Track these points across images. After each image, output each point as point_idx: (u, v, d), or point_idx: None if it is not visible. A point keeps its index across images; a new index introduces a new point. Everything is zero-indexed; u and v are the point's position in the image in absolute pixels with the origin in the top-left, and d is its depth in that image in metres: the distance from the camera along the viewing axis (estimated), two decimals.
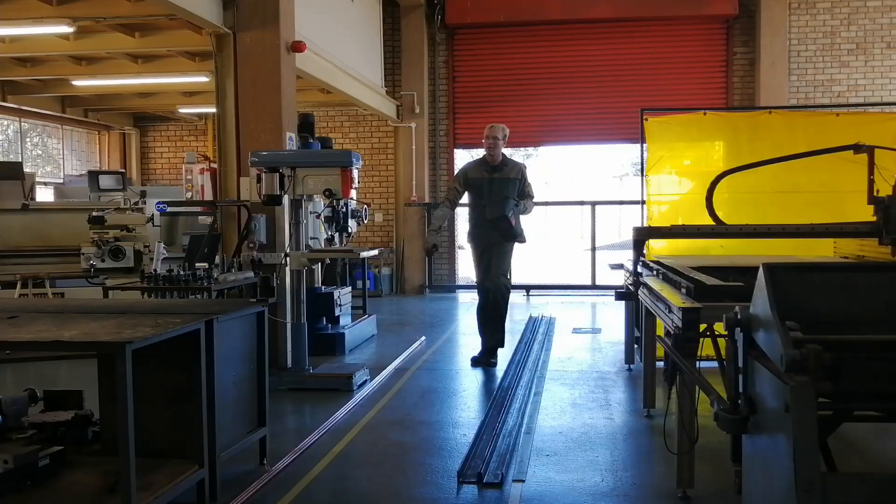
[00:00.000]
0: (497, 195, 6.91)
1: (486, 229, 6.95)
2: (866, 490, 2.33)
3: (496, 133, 7.01)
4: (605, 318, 9.87)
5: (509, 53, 12.89)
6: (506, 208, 6.85)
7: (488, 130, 7.04)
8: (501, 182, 6.96)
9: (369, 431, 5.13)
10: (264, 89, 7.07)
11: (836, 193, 6.42)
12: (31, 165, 13.51)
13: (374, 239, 13.22)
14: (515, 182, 7.02)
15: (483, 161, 7.17)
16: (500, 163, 7.04)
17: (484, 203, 6.95)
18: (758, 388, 2.61)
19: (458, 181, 7.20)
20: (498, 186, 6.95)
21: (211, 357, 3.71)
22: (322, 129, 12.36)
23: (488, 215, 6.91)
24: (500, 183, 6.96)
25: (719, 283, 3.81)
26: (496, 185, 6.96)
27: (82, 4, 8.18)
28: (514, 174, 7.04)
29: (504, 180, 6.97)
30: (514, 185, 7.01)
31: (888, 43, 12.09)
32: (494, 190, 6.95)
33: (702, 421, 4.09)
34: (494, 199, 6.90)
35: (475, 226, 7.07)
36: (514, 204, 6.91)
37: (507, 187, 6.96)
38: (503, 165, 7.04)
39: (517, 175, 7.05)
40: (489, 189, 6.96)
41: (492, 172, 7.01)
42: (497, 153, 7.02)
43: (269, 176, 6.06)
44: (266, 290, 6.49)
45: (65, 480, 3.49)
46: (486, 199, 6.93)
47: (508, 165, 7.08)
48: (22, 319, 3.66)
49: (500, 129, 7.03)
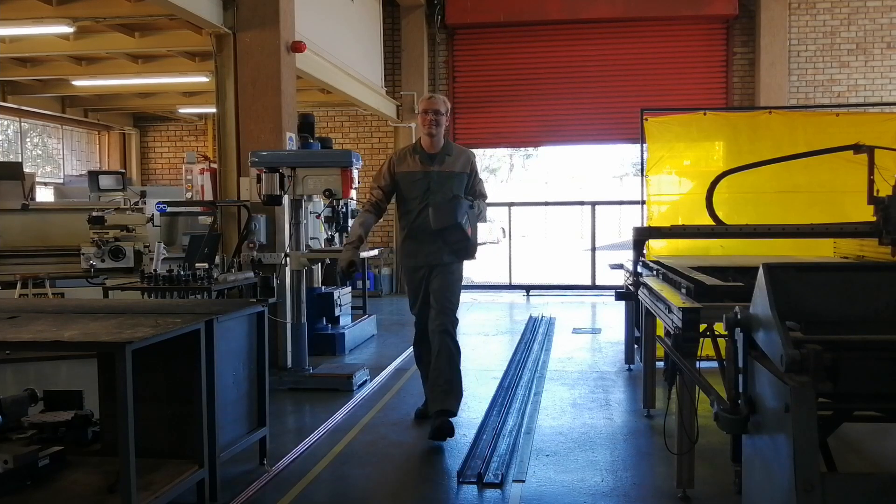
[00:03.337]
0: (436, 197, 4.95)
1: (427, 244, 4.99)
2: (866, 490, 2.33)
3: (437, 105, 5.03)
4: (605, 318, 9.87)
5: (509, 53, 12.89)
6: (458, 213, 4.81)
7: (426, 103, 5.07)
8: (443, 177, 5.00)
9: (369, 431, 5.13)
10: (264, 89, 7.07)
11: (836, 193, 6.43)
12: (31, 165, 13.53)
13: (374, 239, 13.22)
14: (462, 177, 5.05)
15: (416, 148, 5.13)
16: (440, 150, 5.06)
17: (421, 207, 4.99)
18: (758, 389, 2.61)
19: (384, 177, 5.15)
20: (438, 184, 4.99)
21: (211, 357, 3.71)
22: (322, 129, 12.36)
23: (433, 223, 4.85)
24: (441, 178, 5.00)
25: (719, 283, 3.81)
26: (437, 183, 4.99)
27: (82, 4, 8.18)
28: (462, 166, 5.06)
29: (447, 175, 5.02)
30: (460, 180, 5.04)
31: (888, 43, 12.08)
32: (432, 189, 4.98)
33: (702, 421, 4.09)
34: (439, 201, 4.92)
35: (411, 238, 5.08)
36: (468, 206, 4.90)
37: (451, 185, 5.00)
38: (445, 154, 5.06)
39: (465, 167, 5.08)
40: (428, 187, 4.99)
41: (430, 164, 5.04)
42: (438, 136, 5.04)
43: (269, 176, 6.06)
44: (266, 290, 6.49)
45: (65, 480, 3.49)
46: (427, 201, 4.96)
47: (453, 154, 5.08)
48: (22, 319, 3.66)
49: (441, 100, 5.11)
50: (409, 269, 5.15)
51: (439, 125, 5.01)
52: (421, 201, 4.99)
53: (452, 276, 5.04)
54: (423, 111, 5.06)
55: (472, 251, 5.04)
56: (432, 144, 5.05)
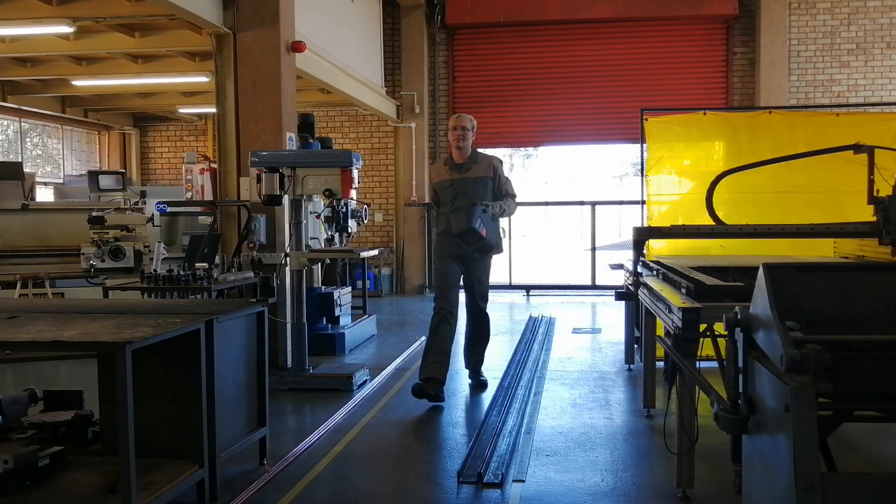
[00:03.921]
0: (462, 200, 5.79)
1: (456, 241, 5.85)
2: (866, 490, 2.33)
3: (464, 123, 5.94)
4: (605, 318, 9.87)
5: (509, 53, 12.89)
6: (472, 219, 5.58)
7: (454, 121, 6.00)
8: (468, 183, 5.88)
9: (369, 431, 5.13)
10: (264, 89, 7.07)
11: (836, 193, 6.43)
12: (31, 165, 13.52)
13: (374, 239, 13.23)
14: (486, 181, 5.91)
15: (447, 160, 6.10)
16: (467, 160, 5.96)
17: (450, 210, 5.86)
18: (758, 388, 2.61)
19: (431, 189, 6.27)
20: (463, 190, 5.85)
21: (211, 357, 3.71)
22: (322, 129, 12.36)
23: (453, 229, 5.71)
24: (466, 184, 5.88)
25: (719, 283, 3.81)
26: (461, 190, 5.86)
27: (82, 4, 8.18)
28: (485, 171, 5.92)
29: (471, 181, 5.88)
30: (484, 184, 5.89)
31: (888, 43, 12.09)
32: (459, 194, 5.85)
33: (702, 421, 4.10)
34: (458, 207, 5.77)
35: (445, 234, 6.00)
36: (481, 210, 5.64)
37: (475, 189, 5.84)
38: (471, 162, 5.95)
39: (488, 172, 5.93)
40: (453, 194, 5.89)
41: (457, 172, 5.94)
42: (466, 148, 5.93)
43: (269, 176, 6.05)
44: (266, 290, 6.50)
45: (65, 480, 3.49)
46: (454, 205, 5.84)
47: (478, 162, 5.97)
48: (22, 319, 3.66)
49: (468, 118, 6.00)
50: (441, 258, 6.06)
51: (465, 139, 5.93)
52: (451, 205, 5.88)
53: (482, 270, 6.09)
54: (451, 128, 6.00)
55: (492, 248, 5.92)
56: (460, 155, 5.98)
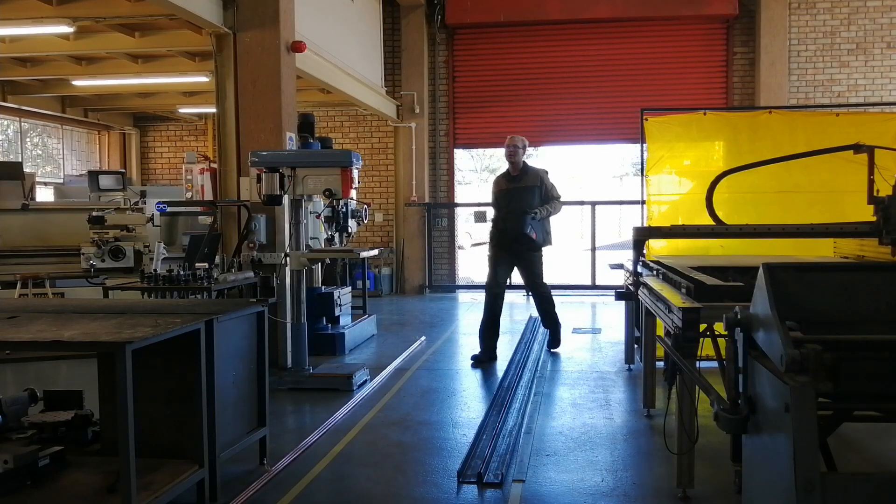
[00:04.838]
0: (514, 206, 7.13)
1: (510, 240, 7.21)
2: (866, 490, 2.33)
3: (516, 142, 7.26)
4: (605, 318, 9.87)
5: (509, 53, 12.88)
6: (524, 225, 7.03)
7: (509, 140, 7.30)
8: (519, 192, 7.16)
9: (369, 431, 5.13)
10: (264, 89, 7.07)
11: (836, 193, 6.43)
12: (31, 165, 13.53)
13: (374, 239, 13.22)
14: (534, 190, 7.19)
15: (506, 172, 7.44)
16: (520, 172, 7.26)
17: (504, 213, 7.23)
18: (758, 388, 2.61)
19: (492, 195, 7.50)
20: (516, 197, 7.15)
21: (211, 357, 3.71)
22: (322, 129, 12.36)
23: (509, 232, 7.16)
24: (517, 193, 7.16)
25: (719, 283, 3.81)
26: (514, 196, 7.17)
27: (82, 4, 8.18)
28: (532, 181, 7.22)
29: (522, 189, 7.17)
30: (532, 192, 7.17)
31: (888, 43, 12.08)
32: (512, 201, 7.16)
33: (702, 421, 4.10)
34: (511, 213, 7.12)
35: (499, 232, 7.31)
36: (531, 217, 7.04)
37: (525, 197, 7.13)
38: (523, 174, 7.26)
39: (535, 182, 7.22)
40: (507, 200, 7.21)
41: (511, 183, 7.26)
42: (518, 161, 7.25)
43: (269, 176, 6.06)
44: (266, 290, 6.49)
45: (65, 480, 3.49)
46: (508, 209, 7.17)
47: (529, 173, 7.28)
48: (22, 319, 3.65)
49: (520, 139, 7.30)
50: (494, 249, 7.38)
51: (516, 155, 7.28)
52: (506, 209, 7.23)
53: (529, 260, 7.36)
54: (506, 146, 7.32)
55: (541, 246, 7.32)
56: (514, 168, 7.32)
